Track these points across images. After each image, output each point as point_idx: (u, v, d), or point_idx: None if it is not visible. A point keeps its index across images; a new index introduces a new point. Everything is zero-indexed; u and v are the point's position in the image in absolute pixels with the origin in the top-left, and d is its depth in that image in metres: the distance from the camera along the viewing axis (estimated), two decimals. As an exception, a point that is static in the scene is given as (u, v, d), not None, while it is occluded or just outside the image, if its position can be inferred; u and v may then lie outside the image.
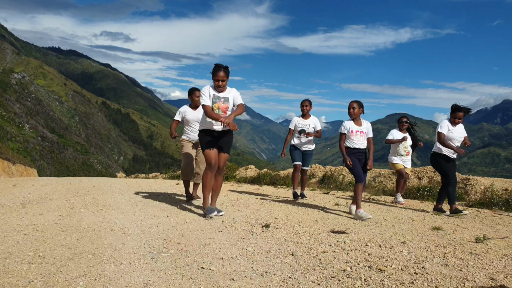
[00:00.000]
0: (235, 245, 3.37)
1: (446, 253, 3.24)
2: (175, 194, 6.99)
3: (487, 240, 3.88)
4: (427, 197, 7.54)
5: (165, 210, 5.13)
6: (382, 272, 2.64)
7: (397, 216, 5.35)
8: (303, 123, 6.63)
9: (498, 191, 7.62)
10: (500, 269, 2.84)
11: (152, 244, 3.36)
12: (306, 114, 6.68)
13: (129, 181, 10.96)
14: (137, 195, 6.71)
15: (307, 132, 6.57)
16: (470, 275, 2.65)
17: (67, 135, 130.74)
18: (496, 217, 5.57)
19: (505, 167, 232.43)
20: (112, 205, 5.53)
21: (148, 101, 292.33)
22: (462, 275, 2.63)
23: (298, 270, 2.68)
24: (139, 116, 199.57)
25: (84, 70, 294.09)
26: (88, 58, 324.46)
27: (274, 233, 3.87)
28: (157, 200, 6.01)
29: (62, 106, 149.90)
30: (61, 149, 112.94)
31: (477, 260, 3.06)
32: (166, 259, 2.90)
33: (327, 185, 10.21)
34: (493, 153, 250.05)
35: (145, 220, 4.46)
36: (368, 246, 3.42)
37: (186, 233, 3.82)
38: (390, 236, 3.94)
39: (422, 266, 2.79)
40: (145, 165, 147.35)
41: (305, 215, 5.03)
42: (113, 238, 3.51)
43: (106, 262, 2.77)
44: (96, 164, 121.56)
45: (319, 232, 3.99)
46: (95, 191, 7.21)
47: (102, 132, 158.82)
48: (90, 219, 4.39)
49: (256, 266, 2.77)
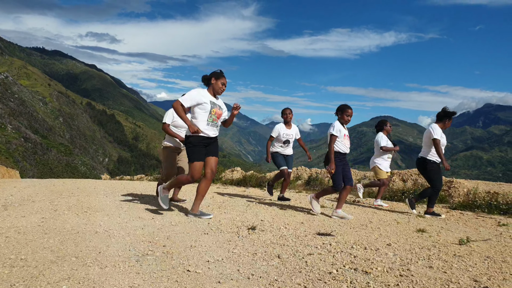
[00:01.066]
0: (221, 247, 3.35)
1: (431, 255, 3.28)
2: (161, 196, 6.92)
3: (470, 242, 3.94)
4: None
5: (150, 212, 5.07)
6: (368, 275, 2.65)
7: (382, 218, 5.40)
8: (287, 133, 6.66)
9: (481, 193, 7.77)
10: (483, 271, 2.88)
11: (137, 246, 3.32)
12: (289, 122, 6.72)
13: (114, 183, 10.82)
14: (122, 197, 6.63)
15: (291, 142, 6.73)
16: (454, 277, 2.69)
17: (51, 136, 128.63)
18: (479, 219, 5.67)
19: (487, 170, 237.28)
20: (96, 207, 5.45)
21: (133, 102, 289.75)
22: (447, 277, 2.66)
23: (284, 273, 2.68)
24: (124, 118, 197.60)
25: (69, 71, 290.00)
26: (73, 59, 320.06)
27: (260, 236, 3.86)
28: (143, 202, 5.95)
29: (46, 106, 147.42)
30: (44, 150, 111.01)
31: (461, 262, 3.10)
32: (151, 262, 2.86)
33: (312, 187, 10.26)
34: (476, 156, 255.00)
35: (130, 222, 4.41)
36: (354, 248, 3.44)
37: (172, 235, 3.79)
38: (375, 238, 3.97)
39: (407, 268, 2.82)
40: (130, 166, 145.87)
41: (291, 217, 5.03)
42: (98, 241, 3.46)
43: (90, 265, 2.72)
44: (81, 166, 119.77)
45: (305, 235, 3.99)
46: (79, 193, 7.10)
47: (86, 133, 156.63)
48: (74, 221, 4.31)
49: (243, 269, 2.76)
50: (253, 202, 6.43)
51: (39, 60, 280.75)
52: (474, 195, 7.61)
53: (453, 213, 6.30)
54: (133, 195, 6.97)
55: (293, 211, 5.61)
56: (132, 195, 6.88)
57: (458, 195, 8.16)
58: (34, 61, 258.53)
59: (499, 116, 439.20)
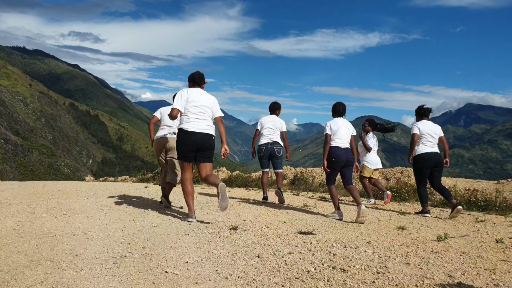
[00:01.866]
0: (201, 248, 3.33)
1: (409, 252, 3.33)
2: (143, 198, 6.85)
3: (448, 238, 4.01)
4: (393, 197, 7.72)
5: (131, 214, 5.02)
6: (346, 272, 2.67)
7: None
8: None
9: (461, 191, 7.91)
10: (458, 267, 2.94)
11: (115, 248, 3.28)
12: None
13: (96, 185, 10.68)
14: (104, 198, 6.54)
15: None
16: (430, 273, 2.73)
17: (32, 138, 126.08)
18: (458, 216, 5.76)
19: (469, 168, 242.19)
20: (76, 209, 5.36)
21: (118, 102, 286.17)
22: (422, 273, 2.70)
23: (263, 272, 2.67)
24: (108, 118, 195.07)
25: (51, 71, 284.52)
26: (55, 59, 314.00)
27: (242, 236, 3.85)
28: (124, 204, 5.88)
29: (27, 107, 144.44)
30: (25, 152, 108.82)
31: (437, 258, 3.15)
32: (129, 264, 2.83)
33: (297, 186, 10.29)
34: (458, 154, 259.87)
35: (110, 224, 4.35)
36: (334, 246, 3.46)
37: (152, 237, 3.75)
38: (356, 236, 4.00)
39: (385, 266, 2.85)
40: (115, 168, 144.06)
41: (274, 217, 5.04)
42: (75, 243, 3.40)
43: (65, 269, 2.67)
44: (64, 168, 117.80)
45: (287, 234, 4.00)
46: (59, 195, 6.98)
47: (69, 135, 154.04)
48: (52, 224, 4.24)
49: (221, 269, 2.74)
50: (237, 202, 6.41)
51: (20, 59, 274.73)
52: (454, 192, 7.74)
53: (434, 210, 6.40)
54: (115, 196, 6.89)
55: (276, 211, 5.61)
56: (113, 197, 6.80)
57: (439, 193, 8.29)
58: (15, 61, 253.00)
59: (480, 115, 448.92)
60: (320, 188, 9.52)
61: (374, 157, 7.15)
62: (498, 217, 5.76)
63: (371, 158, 7.10)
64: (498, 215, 5.95)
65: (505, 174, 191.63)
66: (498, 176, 11.29)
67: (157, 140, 5.72)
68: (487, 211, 6.30)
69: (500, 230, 4.68)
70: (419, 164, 5.90)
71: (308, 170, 11.57)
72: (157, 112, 5.92)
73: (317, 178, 10.66)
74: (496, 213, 6.07)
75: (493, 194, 7.02)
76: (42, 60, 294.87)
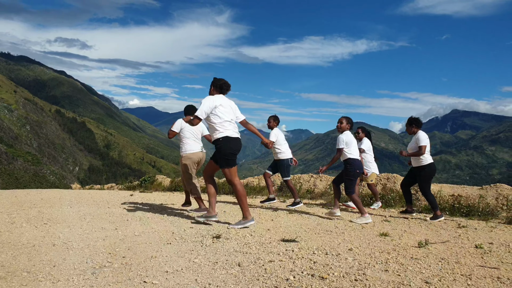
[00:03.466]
0: (182, 257, 3.31)
1: (389, 259, 3.36)
2: (127, 206, 6.78)
3: (429, 244, 4.05)
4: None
5: (114, 223, 4.97)
6: (324, 280, 2.68)
7: (348, 223, 5.48)
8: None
9: (445, 196, 8.00)
10: (436, 273, 2.97)
11: (95, 258, 3.24)
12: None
13: (81, 193, 10.54)
14: (87, 207, 6.47)
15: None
16: (407, 279, 2.76)
17: (17, 145, 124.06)
18: (441, 222, 5.84)
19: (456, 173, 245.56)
20: (58, 218, 5.29)
21: (105, 109, 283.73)
22: (399, 280, 2.73)
23: (242, 281, 2.67)
24: (95, 125, 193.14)
25: (36, 77, 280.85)
26: (41, 65, 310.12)
27: (224, 244, 3.84)
28: (108, 213, 5.82)
29: (12, 114, 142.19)
30: (10, 159, 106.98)
31: (416, 265, 3.18)
32: (107, 274, 2.80)
33: (284, 193, 10.30)
34: (445, 160, 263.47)
35: (91, 233, 4.30)
36: (315, 254, 3.47)
37: (133, 246, 3.72)
38: (338, 243, 4.02)
39: (363, 273, 2.87)
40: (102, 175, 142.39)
41: (258, 225, 5.03)
42: (54, 254, 3.35)
43: (41, 280, 2.63)
44: (49, 175, 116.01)
45: (270, 241, 4.00)
46: (42, 204, 6.87)
47: (56, 142, 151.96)
48: (32, 234, 4.17)
49: (201, 278, 2.73)
50: (222, 210, 6.39)
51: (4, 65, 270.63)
52: (439, 198, 7.83)
53: (418, 216, 6.46)
54: (99, 205, 6.81)
55: (261, 218, 5.61)
56: (97, 205, 6.72)
57: (425, 199, 8.38)
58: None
59: (465, 121, 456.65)
60: (307, 195, 9.55)
61: (374, 163, 7.44)
62: (480, 222, 5.85)
63: (374, 165, 7.40)
64: (480, 220, 6.05)
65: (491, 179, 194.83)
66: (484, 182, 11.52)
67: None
68: (469, 216, 6.39)
69: (481, 236, 4.76)
70: (432, 173, 6.21)
71: (296, 176, 11.59)
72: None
73: (304, 185, 10.69)
74: (478, 219, 6.16)
75: (477, 200, 7.12)
76: (27, 67, 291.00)
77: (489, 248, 4.03)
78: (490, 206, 6.62)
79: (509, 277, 2.93)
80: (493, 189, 8.77)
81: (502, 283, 2.81)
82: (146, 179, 13.74)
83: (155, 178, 13.99)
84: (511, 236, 4.78)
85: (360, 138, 7.45)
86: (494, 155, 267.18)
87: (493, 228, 5.34)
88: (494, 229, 5.27)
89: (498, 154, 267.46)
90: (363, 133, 7.53)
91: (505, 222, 5.80)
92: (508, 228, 5.30)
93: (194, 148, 5.87)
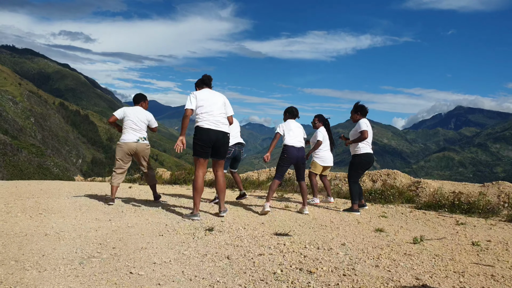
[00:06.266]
0: (172, 249, 3.29)
1: (381, 255, 3.31)
2: (124, 198, 6.77)
3: (424, 241, 4.00)
4: (378, 199, 7.71)
5: (109, 214, 4.95)
6: (312, 274, 2.65)
7: (344, 218, 5.43)
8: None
9: (446, 193, 7.94)
10: (427, 269, 2.93)
11: (85, 249, 3.22)
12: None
13: (80, 184, 10.55)
14: (84, 198, 6.45)
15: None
16: (397, 275, 2.71)
17: (22, 137, 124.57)
18: (440, 219, 5.78)
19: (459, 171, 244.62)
20: (54, 208, 5.28)
21: (108, 102, 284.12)
22: (389, 276, 2.69)
23: (229, 274, 2.64)
24: (98, 118, 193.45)
25: (40, 70, 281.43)
26: (45, 58, 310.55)
27: (216, 237, 3.81)
28: (104, 204, 5.80)
29: (17, 106, 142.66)
30: (14, 151, 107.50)
31: (408, 261, 3.14)
32: (95, 264, 2.77)
33: (282, 188, 10.26)
34: (448, 157, 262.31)
35: (85, 224, 4.28)
36: (307, 248, 3.43)
37: (125, 237, 3.69)
38: (331, 238, 3.98)
39: (353, 268, 2.83)
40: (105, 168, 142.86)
41: (252, 218, 5.00)
42: (45, 243, 3.33)
43: (28, 269, 2.61)
44: (53, 167, 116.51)
45: (262, 235, 3.97)
46: (40, 195, 6.87)
47: (59, 134, 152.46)
48: (26, 223, 4.16)
49: (188, 270, 2.70)
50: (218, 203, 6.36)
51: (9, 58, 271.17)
52: (439, 195, 7.76)
53: (416, 213, 6.41)
54: (97, 196, 6.80)
55: (256, 212, 5.57)
56: (95, 197, 6.71)
57: (425, 195, 8.31)
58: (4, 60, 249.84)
59: (470, 118, 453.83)
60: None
61: (326, 154, 7.06)
62: (479, 219, 5.79)
63: (323, 154, 7.01)
64: (481, 218, 5.98)
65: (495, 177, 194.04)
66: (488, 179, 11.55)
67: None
68: (469, 213, 6.33)
69: (479, 233, 4.70)
70: (365, 164, 6.16)
71: (292, 171, 11.54)
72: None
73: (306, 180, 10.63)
74: (478, 216, 6.10)
75: (478, 197, 7.05)
76: (31, 59, 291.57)
77: (486, 245, 3.97)
78: (491, 204, 6.55)
79: (504, 275, 2.88)
80: (495, 187, 8.69)
81: (496, 281, 2.76)
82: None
83: (156, 171, 14.00)
84: (510, 234, 4.72)
85: (317, 127, 7.15)
86: (498, 152, 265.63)
87: (493, 225, 5.27)
88: (494, 226, 5.20)
89: (502, 152, 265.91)
90: (320, 122, 7.19)
91: (506, 220, 5.73)
92: (508, 226, 5.24)
93: (128, 138, 5.74)
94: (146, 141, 5.86)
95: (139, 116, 5.81)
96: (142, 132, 5.82)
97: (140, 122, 5.79)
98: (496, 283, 2.72)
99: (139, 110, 5.91)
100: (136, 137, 5.74)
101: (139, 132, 5.78)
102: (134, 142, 5.72)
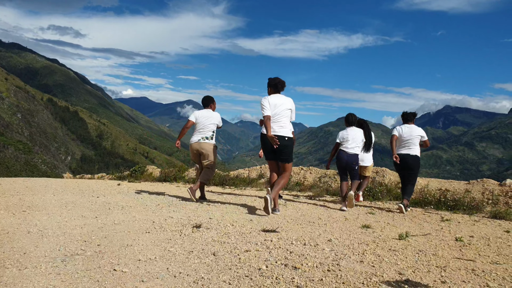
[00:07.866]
0: (158, 246, 3.27)
1: (366, 250, 3.33)
2: (112, 195, 6.72)
3: (409, 237, 4.04)
4: (366, 196, 7.77)
5: (95, 211, 4.91)
6: (296, 270, 2.65)
7: (332, 215, 5.46)
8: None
9: (433, 190, 8.03)
10: (411, 264, 2.96)
11: (69, 246, 3.18)
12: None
13: (68, 182, 10.45)
14: (71, 195, 6.39)
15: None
16: (381, 270, 2.73)
17: (8, 133, 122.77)
18: (426, 215, 5.85)
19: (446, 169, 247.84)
20: (38, 206, 5.21)
21: (98, 99, 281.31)
22: (373, 271, 2.71)
23: (214, 270, 2.63)
24: (88, 115, 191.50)
25: (28, 65, 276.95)
26: (33, 52, 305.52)
27: (204, 234, 3.80)
28: (91, 201, 5.75)
29: (3, 102, 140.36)
30: (0, 148, 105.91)
31: (392, 256, 3.16)
32: (78, 262, 2.74)
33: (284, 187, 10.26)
34: (436, 155, 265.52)
35: (70, 221, 4.24)
36: (294, 244, 3.44)
37: (111, 234, 3.66)
38: (318, 234, 4.00)
39: (337, 263, 2.84)
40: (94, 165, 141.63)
41: (241, 215, 5.00)
42: (27, 241, 3.29)
43: (8, 267, 2.57)
44: (41, 164, 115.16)
45: (250, 231, 3.97)
46: (25, 192, 6.78)
47: (47, 131, 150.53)
48: (8, 221, 4.10)
49: (172, 267, 2.69)
50: (207, 200, 6.34)
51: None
52: (426, 192, 7.85)
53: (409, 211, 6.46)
54: (84, 193, 6.74)
55: (245, 209, 5.57)
56: (82, 194, 6.65)
57: (413, 193, 8.41)
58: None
59: (457, 117, 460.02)
60: (296, 187, 9.53)
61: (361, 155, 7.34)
62: (464, 216, 5.87)
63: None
64: (465, 214, 6.07)
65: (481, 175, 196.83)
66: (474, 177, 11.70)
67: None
68: (454, 210, 6.41)
69: (463, 229, 4.77)
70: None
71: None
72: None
73: (294, 178, 10.66)
74: (463, 213, 6.19)
75: (463, 194, 7.15)
76: (19, 54, 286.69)
77: (469, 241, 4.03)
78: (476, 201, 6.65)
79: (484, 269, 2.93)
80: (479, 184, 8.81)
81: (476, 275, 2.80)
82: (136, 169, 13.65)
83: (146, 168, 13.90)
84: (492, 229, 4.80)
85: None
86: (484, 151, 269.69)
87: (476, 222, 5.35)
88: (477, 222, 5.28)
89: (488, 151, 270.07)
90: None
91: (489, 216, 5.83)
92: (490, 222, 5.32)
93: (192, 139, 6.25)
94: (207, 140, 6.21)
95: (208, 118, 6.27)
96: (207, 132, 6.22)
97: (207, 123, 6.24)
98: (476, 277, 2.76)
99: (208, 112, 6.35)
100: (198, 138, 6.19)
101: (202, 133, 6.21)
102: (196, 142, 6.18)
